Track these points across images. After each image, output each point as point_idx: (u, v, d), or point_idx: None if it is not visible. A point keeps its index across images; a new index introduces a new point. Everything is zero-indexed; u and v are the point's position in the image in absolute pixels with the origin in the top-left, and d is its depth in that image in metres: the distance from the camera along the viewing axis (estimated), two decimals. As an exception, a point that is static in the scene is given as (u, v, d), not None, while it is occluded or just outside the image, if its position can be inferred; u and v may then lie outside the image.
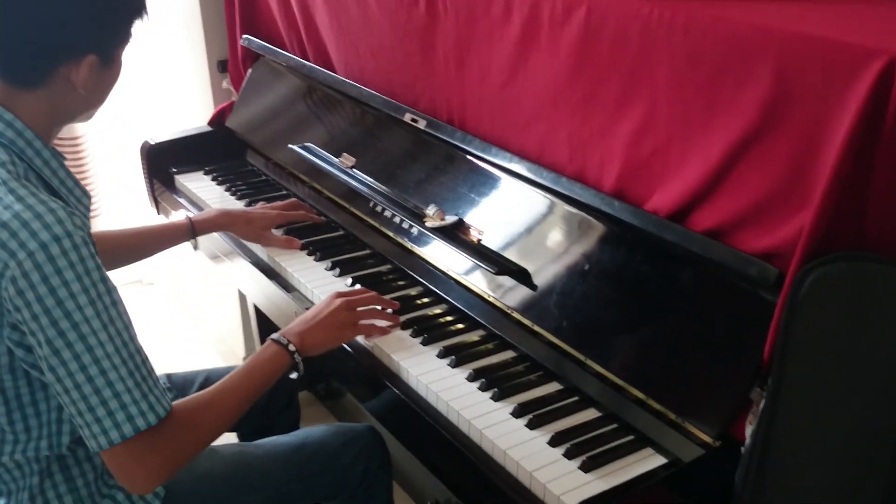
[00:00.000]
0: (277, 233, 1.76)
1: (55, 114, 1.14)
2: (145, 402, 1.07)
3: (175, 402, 1.14)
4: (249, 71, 2.21)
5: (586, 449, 1.16)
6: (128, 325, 1.10)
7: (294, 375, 1.31)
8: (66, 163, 1.18)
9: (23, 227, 1.01)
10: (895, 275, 0.91)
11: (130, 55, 1.21)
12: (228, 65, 2.32)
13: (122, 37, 1.15)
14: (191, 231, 1.71)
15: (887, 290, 0.91)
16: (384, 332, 1.43)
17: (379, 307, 1.43)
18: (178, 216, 1.99)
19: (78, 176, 1.54)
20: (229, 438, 1.61)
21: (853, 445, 0.94)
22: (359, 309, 1.39)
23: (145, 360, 1.11)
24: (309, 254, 1.72)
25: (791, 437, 0.96)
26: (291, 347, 1.28)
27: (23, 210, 1.03)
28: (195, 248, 1.82)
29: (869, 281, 0.92)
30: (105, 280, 1.07)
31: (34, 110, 1.12)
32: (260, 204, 1.84)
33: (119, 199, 3.06)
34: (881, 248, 0.97)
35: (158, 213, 2.20)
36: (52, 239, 1.02)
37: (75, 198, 1.16)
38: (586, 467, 1.13)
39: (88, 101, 1.16)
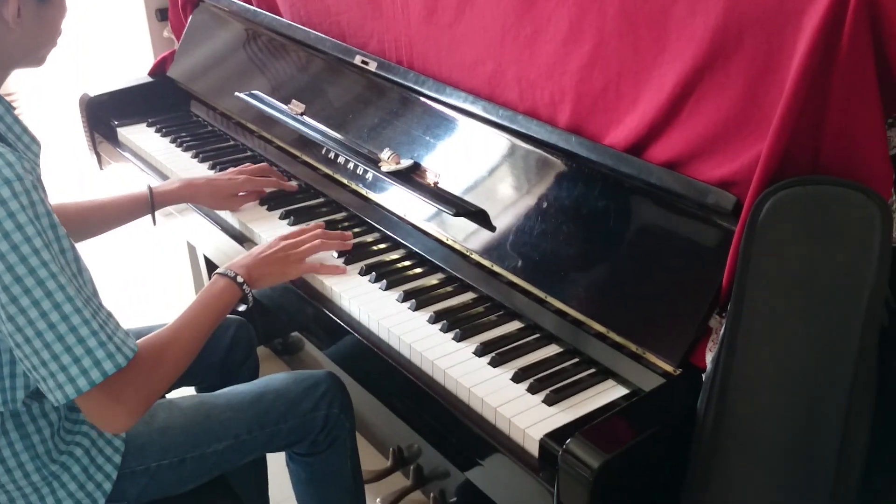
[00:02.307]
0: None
1: None
2: (112, 345, 1.05)
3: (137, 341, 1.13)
4: (190, 18, 2.13)
5: (549, 383, 1.17)
6: (83, 270, 1.08)
7: (242, 308, 1.33)
8: None
9: None
10: (851, 197, 0.92)
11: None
12: (168, 12, 2.23)
13: None
14: (150, 202, 1.60)
15: (843, 212, 0.93)
16: (338, 270, 1.42)
17: (323, 239, 1.43)
18: (133, 179, 1.92)
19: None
20: (188, 393, 1.59)
21: (813, 365, 0.95)
22: (304, 247, 1.40)
23: (102, 304, 1.09)
24: (261, 203, 1.68)
25: (751, 360, 0.98)
26: (239, 279, 1.30)
27: None
28: (154, 223, 1.64)
29: (825, 204, 0.94)
30: (57, 226, 1.04)
31: None
32: (230, 170, 1.71)
33: (58, 158, 2.95)
34: (836, 172, 0.99)
35: (101, 168, 2.13)
36: (2, 182, 0.98)
37: (24, 144, 1.12)
38: (550, 401, 1.14)
39: (28, 40, 1.10)
